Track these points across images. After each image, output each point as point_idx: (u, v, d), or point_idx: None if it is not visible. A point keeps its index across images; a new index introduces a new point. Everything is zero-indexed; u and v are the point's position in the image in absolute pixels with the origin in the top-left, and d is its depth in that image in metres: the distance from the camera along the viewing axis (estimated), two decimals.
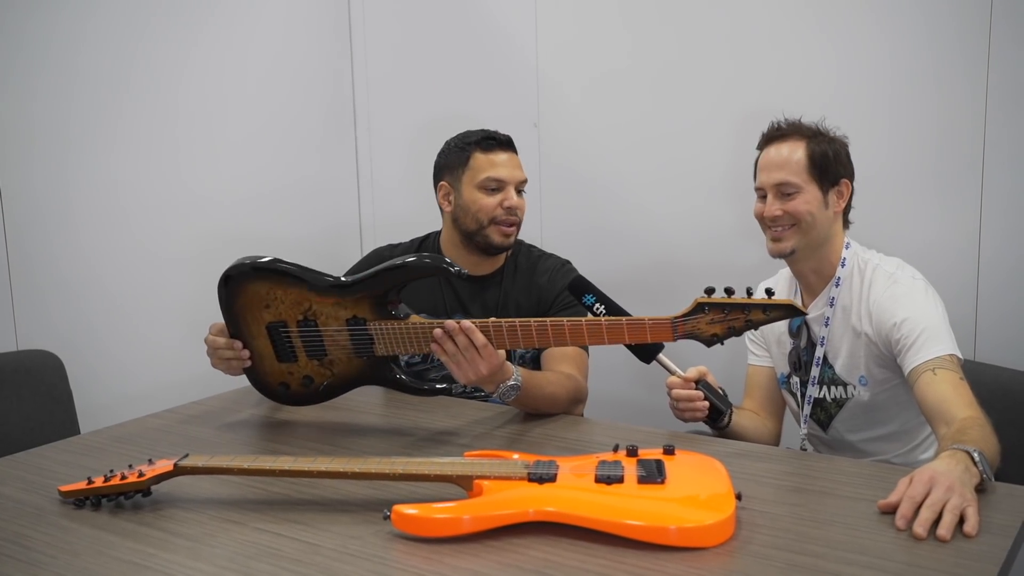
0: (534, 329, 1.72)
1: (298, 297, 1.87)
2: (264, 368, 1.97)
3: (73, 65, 2.48)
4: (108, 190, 2.57)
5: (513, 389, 1.86)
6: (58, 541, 1.40)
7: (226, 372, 2.02)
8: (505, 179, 2.18)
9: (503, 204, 2.17)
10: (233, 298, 1.92)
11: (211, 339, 1.99)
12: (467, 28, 3.15)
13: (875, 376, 1.94)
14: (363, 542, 1.37)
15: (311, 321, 1.88)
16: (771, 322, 1.61)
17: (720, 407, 1.94)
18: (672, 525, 1.31)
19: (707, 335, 1.61)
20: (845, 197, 1.99)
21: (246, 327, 1.94)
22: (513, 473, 1.44)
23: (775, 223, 1.97)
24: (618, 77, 2.90)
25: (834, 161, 1.97)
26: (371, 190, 3.35)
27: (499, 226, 2.18)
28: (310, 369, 1.94)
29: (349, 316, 1.85)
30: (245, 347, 1.95)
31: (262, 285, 1.89)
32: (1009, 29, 2.30)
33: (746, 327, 1.60)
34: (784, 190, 1.95)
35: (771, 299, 1.57)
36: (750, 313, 1.58)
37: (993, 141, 2.36)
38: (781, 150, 1.97)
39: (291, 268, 1.87)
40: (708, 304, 1.59)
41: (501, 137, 2.22)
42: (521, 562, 1.29)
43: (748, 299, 1.59)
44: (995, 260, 2.40)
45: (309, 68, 3.18)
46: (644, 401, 2.58)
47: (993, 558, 1.26)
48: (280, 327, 1.91)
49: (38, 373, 2.30)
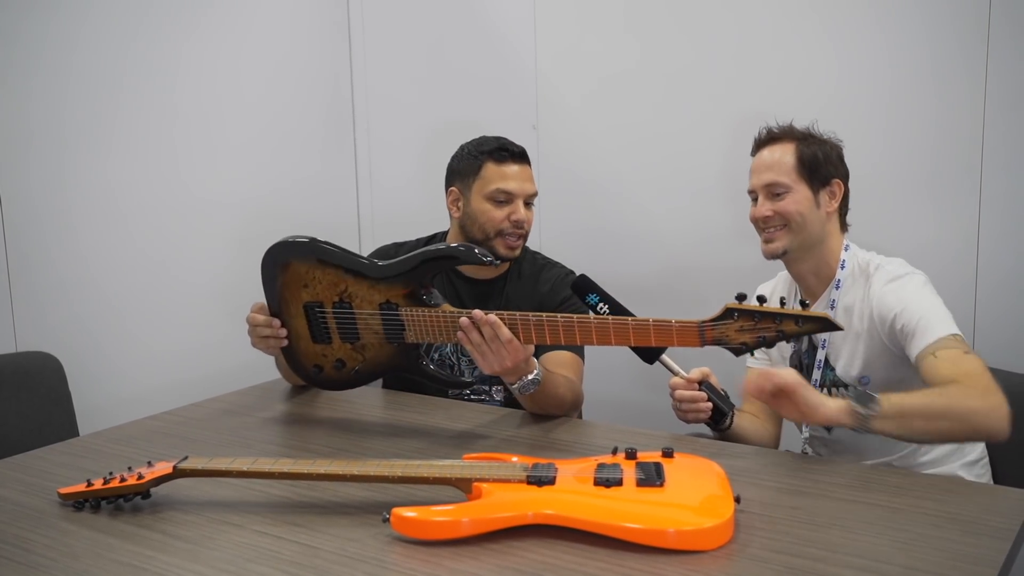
0: (561, 325, 1.72)
1: (335, 278, 1.89)
2: (300, 348, 1.99)
3: (71, 66, 2.48)
4: (106, 192, 2.57)
5: (533, 383, 1.87)
6: (57, 543, 1.40)
7: (264, 351, 2.04)
8: (515, 192, 2.17)
9: (510, 217, 2.17)
10: (276, 276, 1.94)
11: (251, 316, 2.01)
12: (466, 31, 3.15)
13: (878, 374, 1.95)
14: (362, 544, 1.37)
15: (346, 303, 1.89)
16: (804, 334, 1.57)
17: (723, 408, 1.94)
18: (671, 528, 1.31)
19: (736, 343, 1.57)
20: (837, 197, 2.00)
21: (285, 306, 1.95)
22: (512, 476, 1.44)
23: (767, 224, 2.00)
24: (616, 80, 2.90)
25: (824, 162, 1.98)
26: (370, 192, 3.35)
27: (505, 239, 2.18)
28: (343, 352, 1.95)
29: (382, 300, 1.86)
30: (283, 326, 1.96)
31: (302, 264, 1.90)
32: (1008, 32, 2.31)
33: (778, 338, 1.54)
34: (774, 190, 1.98)
35: (806, 311, 1.52)
36: (782, 323, 1.53)
37: (991, 144, 2.36)
38: (773, 153, 2.00)
39: (331, 249, 1.89)
40: (738, 311, 1.55)
41: (515, 149, 2.21)
42: (520, 565, 1.29)
43: (781, 309, 1.53)
44: (993, 263, 2.40)
45: (308, 70, 3.18)
46: (643, 403, 2.58)
47: (992, 561, 1.27)
48: (316, 307, 1.92)
49: (37, 375, 2.30)
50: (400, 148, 3.28)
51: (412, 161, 3.23)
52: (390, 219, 3.31)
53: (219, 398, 2.20)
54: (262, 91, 3.00)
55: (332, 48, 3.26)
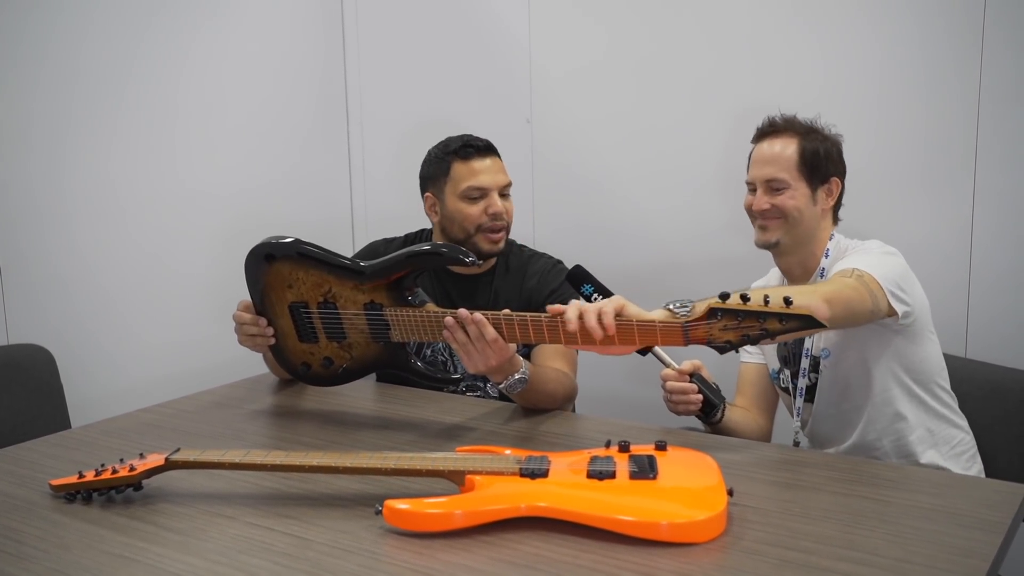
0: (545, 325, 1.72)
1: (319, 279, 1.88)
2: (287, 347, 1.98)
3: (63, 58, 2.46)
4: (99, 184, 2.56)
5: (520, 382, 1.87)
6: (49, 535, 1.40)
7: (252, 348, 2.03)
8: (487, 186, 2.17)
9: (487, 211, 2.16)
10: (259, 277, 1.93)
11: (237, 315, 2.00)
12: (460, 23, 3.15)
13: (832, 341, 1.96)
14: (354, 537, 1.37)
15: (331, 304, 1.89)
16: (787, 332, 1.54)
17: (714, 400, 1.95)
18: (663, 521, 1.31)
19: (720, 341, 1.56)
20: (834, 195, 2.01)
21: (271, 306, 1.95)
22: (505, 468, 1.44)
23: (762, 215, 2.00)
24: (611, 74, 2.90)
25: (825, 159, 1.98)
26: (363, 183, 3.35)
27: (486, 234, 2.17)
28: (330, 351, 1.94)
29: (367, 301, 1.86)
30: (269, 325, 1.96)
31: (285, 265, 1.90)
32: (1002, 28, 2.31)
33: (762, 336, 1.54)
34: (773, 185, 1.98)
35: (789, 309, 1.51)
36: (765, 322, 1.52)
37: (985, 140, 2.36)
38: (773, 146, 2.00)
39: (312, 251, 1.88)
40: (721, 310, 1.54)
41: (478, 143, 2.20)
42: (513, 557, 1.29)
43: (764, 307, 1.52)
44: (987, 258, 2.40)
45: (302, 62, 3.17)
46: (636, 396, 2.58)
47: (984, 554, 1.27)
48: (302, 307, 1.92)
49: (29, 367, 2.29)
50: (394, 140, 3.27)
51: (405, 153, 3.21)
52: (383, 210, 3.30)
53: (211, 391, 2.19)
54: (257, 84, 2.99)
55: (325, 42, 3.25)
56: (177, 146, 2.75)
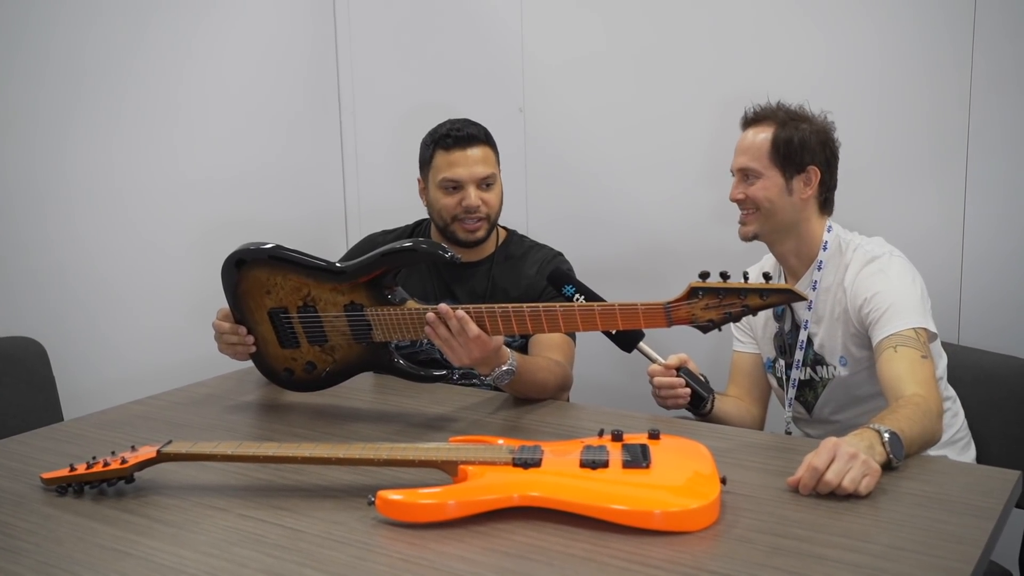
0: (527, 315, 1.72)
1: (297, 283, 1.87)
2: (269, 353, 1.97)
3: (47, 51, 2.45)
4: (88, 177, 2.54)
5: (508, 374, 1.86)
6: (41, 528, 1.40)
7: (232, 357, 2.02)
8: (462, 179, 2.15)
9: (462, 204, 2.15)
10: (235, 284, 1.92)
11: (217, 324, 1.99)
12: (453, 11, 3.13)
13: (853, 355, 1.95)
14: (347, 528, 1.37)
15: (311, 307, 1.88)
16: (769, 307, 1.57)
17: (701, 393, 1.95)
18: (657, 509, 1.31)
19: (703, 321, 1.57)
20: (813, 184, 1.97)
21: (249, 313, 1.94)
22: (498, 458, 1.44)
23: (741, 206, 2.01)
24: (604, 62, 2.89)
25: (799, 148, 1.96)
26: (356, 174, 3.34)
27: (462, 223, 2.17)
28: (312, 355, 1.93)
29: (347, 302, 1.85)
30: (249, 332, 1.95)
31: (262, 271, 1.88)
32: (994, 17, 2.30)
33: (743, 312, 1.55)
34: (746, 174, 1.98)
35: (769, 284, 1.53)
36: (746, 298, 1.54)
37: (977, 128, 2.36)
38: (749, 135, 2.00)
39: (288, 255, 1.87)
40: (702, 289, 1.55)
41: (459, 134, 2.17)
42: (506, 547, 1.29)
43: (744, 284, 1.54)
44: (979, 246, 2.40)
45: (294, 52, 3.15)
46: (628, 386, 2.58)
47: (975, 540, 1.27)
48: (281, 313, 1.91)
49: (20, 360, 2.28)
50: (387, 130, 3.25)
51: (399, 143, 3.21)
52: (377, 201, 3.29)
53: (203, 383, 2.19)
54: (249, 74, 2.97)
55: (318, 30, 3.23)
56: (167, 137, 2.73)
